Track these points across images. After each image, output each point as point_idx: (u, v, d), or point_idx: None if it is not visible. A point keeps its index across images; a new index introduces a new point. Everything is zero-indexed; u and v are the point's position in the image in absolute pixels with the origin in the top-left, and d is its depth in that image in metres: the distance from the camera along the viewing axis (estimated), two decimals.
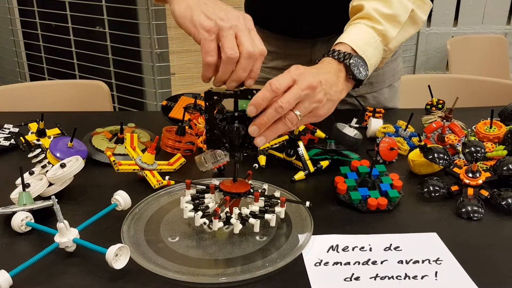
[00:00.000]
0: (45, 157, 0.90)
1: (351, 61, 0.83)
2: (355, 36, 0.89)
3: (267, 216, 0.75)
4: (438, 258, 0.71)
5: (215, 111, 0.74)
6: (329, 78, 0.80)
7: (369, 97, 1.35)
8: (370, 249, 0.73)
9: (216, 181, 0.82)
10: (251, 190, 0.79)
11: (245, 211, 0.76)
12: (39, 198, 0.85)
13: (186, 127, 1.03)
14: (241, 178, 0.81)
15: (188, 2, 0.75)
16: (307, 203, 0.76)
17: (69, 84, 1.67)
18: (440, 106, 1.28)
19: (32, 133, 1.04)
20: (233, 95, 0.73)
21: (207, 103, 0.74)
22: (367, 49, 0.88)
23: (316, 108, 0.76)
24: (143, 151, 0.95)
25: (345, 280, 0.66)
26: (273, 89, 0.70)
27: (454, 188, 0.87)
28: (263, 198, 0.78)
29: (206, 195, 0.80)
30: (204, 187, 0.81)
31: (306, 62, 1.36)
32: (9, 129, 1.15)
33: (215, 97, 0.73)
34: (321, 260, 0.70)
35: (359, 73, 0.84)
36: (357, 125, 1.17)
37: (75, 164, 0.85)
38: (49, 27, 2.68)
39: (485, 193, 0.86)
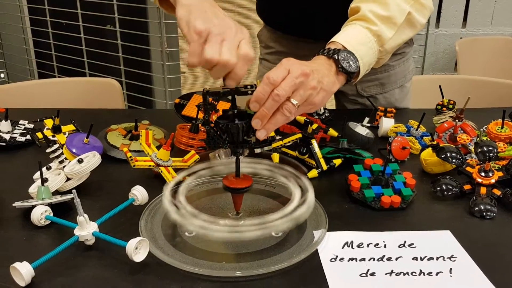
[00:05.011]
0: (63, 153, 0.91)
1: (340, 55, 0.86)
2: (348, 36, 0.91)
3: (299, 211, 0.72)
4: (452, 255, 0.72)
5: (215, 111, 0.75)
6: (321, 69, 0.82)
7: (380, 98, 1.35)
8: (385, 246, 0.74)
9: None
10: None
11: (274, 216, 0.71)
12: (56, 192, 0.86)
13: (200, 124, 1.04)
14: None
15: (191, 7, 0.77)
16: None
17: (81, 81, 1.68)
18: (450, 106, 1.29)
19: (47, 129, 1.05)
20: (231, 93, 0.74)
21: (205, 104, 0.74)
22: (360, 48, 0.90)
23: (311, 95, 0.77)
24: (158, 148, 0.96)
25: (360, 275, 0.67)
26: (271, 82, 0.72)
27: (467, 187, 0.88)
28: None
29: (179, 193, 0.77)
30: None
31: None
32: (24, 125, 1.17)
33: (213, 97, 0.75)
34: (337, 256, 0.71)
35: (349, 67, 0.86)
36: (368, 125, 1.17)
37: (92, 159, 0.87)
38: (59, 25, 2.70)
39: (497, 192, 0.86)
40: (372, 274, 0.68)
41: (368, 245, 0.74)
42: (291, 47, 1.35)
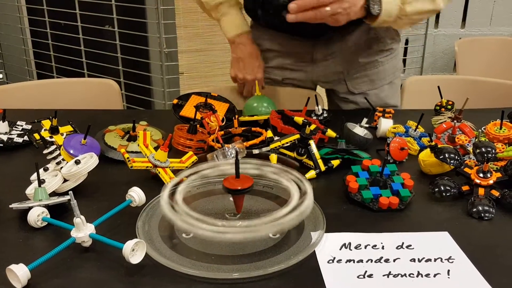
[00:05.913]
0: (60, 154, 0.91)
1: None
2: None
3: (301, 208, 0.71)
4: (450, 256, 0.72)
5: None
6: None
7: (371, 94, 1.38)
8: (383, 247, 0.74)
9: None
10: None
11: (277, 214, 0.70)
12: (53, 194, 0.86)
13: (197, 125, 1.04)
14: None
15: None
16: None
17: (80, 82, 1.68)
18: (449, 107, 1.29)
19: (45, 130, 1.05)
20: None
21: None
22: None
23: (340, 13, 0.99)
24: (156, 148, 0.96)
25: (358, 277, 0.67)
26: None
27: (465, 188, 0.88)
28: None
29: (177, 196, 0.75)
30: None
31: (308, 61, 1.42)
32: (22, 126, 1.16)
33: None
34: (334, 258, 0.71)
35: (373, 9, 1.04)
36: (367, 125, 1.17)
37: (90, 161, 0.86)
38: (58, 26, 2.69)
39: (496, 193, 0.86)
40: (370, 275, 0.67)
41: (365, 247, 0.74)
42: (283, 44, 1.36)
